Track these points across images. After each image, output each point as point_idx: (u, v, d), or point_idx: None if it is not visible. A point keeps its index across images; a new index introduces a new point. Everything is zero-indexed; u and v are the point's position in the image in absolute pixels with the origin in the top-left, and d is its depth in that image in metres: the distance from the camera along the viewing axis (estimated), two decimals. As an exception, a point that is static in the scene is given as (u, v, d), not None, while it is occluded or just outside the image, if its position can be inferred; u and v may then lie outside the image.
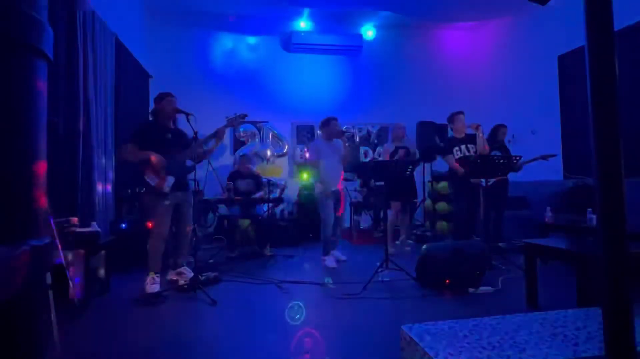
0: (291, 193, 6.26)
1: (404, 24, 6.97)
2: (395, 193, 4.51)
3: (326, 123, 4.35)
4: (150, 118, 3.43)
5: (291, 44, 6.58)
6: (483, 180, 4.05)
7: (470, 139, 4.34)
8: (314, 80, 6.87)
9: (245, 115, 3.43)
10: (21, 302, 0.58)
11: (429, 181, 6.26)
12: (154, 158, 3.12)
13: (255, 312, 2.74)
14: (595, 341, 1.22)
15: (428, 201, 6.30)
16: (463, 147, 4.31)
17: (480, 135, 4.24)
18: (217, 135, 3.37)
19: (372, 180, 5.63)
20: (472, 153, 4.26)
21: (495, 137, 4.93)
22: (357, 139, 6.91)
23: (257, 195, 4.98)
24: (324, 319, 2.61)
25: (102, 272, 3.15)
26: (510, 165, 3.86)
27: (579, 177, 4.87)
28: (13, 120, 0.60)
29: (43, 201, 0.65)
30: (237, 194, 4.85)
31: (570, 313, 1.51)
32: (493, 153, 4.56)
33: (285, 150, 6.56)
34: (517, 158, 3.83)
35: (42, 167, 0.64)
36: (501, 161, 3.82)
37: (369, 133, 6.99)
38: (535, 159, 4.77)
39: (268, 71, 6.74)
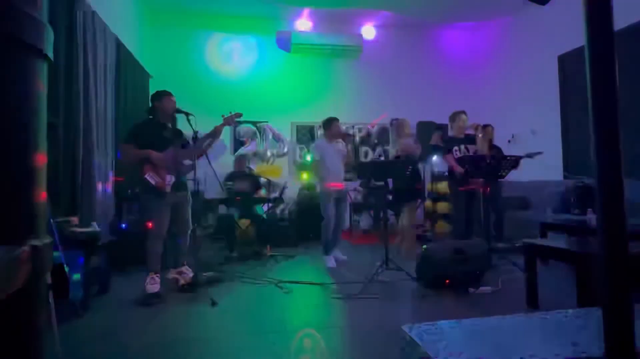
0: (291, 193, 6.25)
1: (404, 24, 6.97)
2: (408, 194, 4.47)
3: (328, 124, 4.36)
4: (150, 117, 3.42)
5: (291, 44, 6.58)
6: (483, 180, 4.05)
7: (470, 140, 4.34)
8: (314, 80, 6.87)
9: (240, 114, 3.45)
10: (21, 302, 0.58)
11: (429, 182, 6.27)
12: (154, 155, 3.12)
13: (255, 312, 2.74)
14: (595, 341, 1.22)
15: (428, 202, 6.30)
16: (462, 146, 4.31)
17: (480, 135, 4.24)
18: (215, 134, 3.38)
19: (372, 180, 5.62)
20: (471, 153, 4.26)
21: (484, 137, 4.89)
22: (357, 139, 6.91)
23: (257, 194, 4.98)
24: (324, 319, 2.61)
25: (102, 272, 3.15)
26: (508, 165, 3.86)
27: (579, 176, 4.87)
28: (13, 120, 0.60)
29: (43, 201, 0.65)
30: (235, 194, 4.86)
31: (570, 313, 1.51)
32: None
33: (285, 150, 6.56)
34: (513, 157, 3.84)
35: (42, 167, 0.64)
36: (489, 161, 3.82)
37: (369, 133, 6.99)
38: (521, 157, 4.73)
39: (268, 71, 6.74)
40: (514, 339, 1.28)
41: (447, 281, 3.14)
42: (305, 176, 6.43)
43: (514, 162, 4.10)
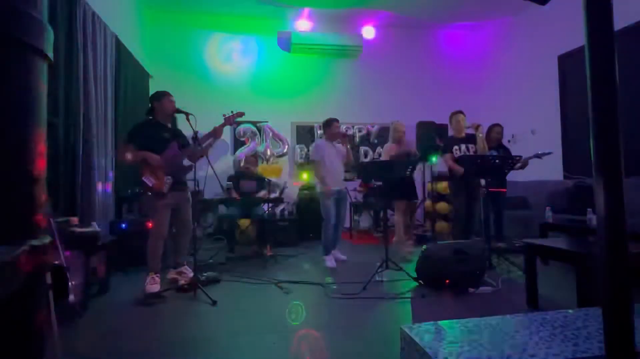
0: (291, 193, 6.25)
1: (404, 24, 6.97)
2: (397, 192, 4.47)
3: (328, 124, 4.35)
4: (149, 117, 3.42)
5: (291, 44, 6.58)
6: (483, 180, 4.05)
7: (470, 139, 4.33)
8: (314, 80, 6.87)
9: (242, 114, 3.43)
10: (21, 302, 0.58)
11: (429, 182, 6.26)
12: (150, 157, 3.12)
13: (255, 312, 2.74)
14: (595, 341, 1.22)
15: (428, 202, 6.30)
16: (463, 146, 4.31)
17: (480, 135, 4.24)
18: (215, 133, 3.37)
19: (372, 180, 5.62)
20: (471, 153, 4.26)
21: (489, 137, 4.91)
22: (357, 139, 6.91)
23: (260, 194, 4.99)
24: (324, 319, 2.61)
25: (102, 272, 3.15)
26: (509, 165, 3.86)
27: (579, 176, 4.87)
28: (13, 120, 0.60)
29: (43, 201, 0.65)
30: (241, 194, 4.86)
31: (570, 313, 1.51)
32: (489, 153, 4.55)
33: (285, 150, 6.55)
34: (517, 158, 3.83)
35: (41, 167, 0.64)
36: (496, 161, 3.82)
37: (368, 133, 6.99)
38: (530, 158, 4.76)
39: (268, 71, 6.74)
40: (513, 339, 1.28)
41: (447, 281, 3.13)
42: (305, 176, 6.42)
43: (523, 162, 4.12)
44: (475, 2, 6.11)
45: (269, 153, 6.43)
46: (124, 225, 3.99)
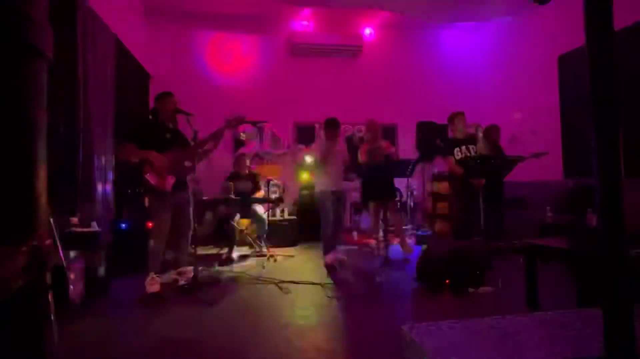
0: (291, 193, 6.25)
1: (404, 24, 6.97)
2: (374, 193, 4.43)
3: (329, 125, 4.35)
4: (150, 117, 3.43)
5: (291, 44, 6.58)
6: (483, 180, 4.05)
7: (471, 140, 4.33)
8: (314, 80, 6.87)
9: (244, 117, 3.46)
10: (21, 302, 0.58)
11: (429, 181, 6.26)
12: (155, 157, 3.12)
13: (255, 312, 2.73)
14: (595, 341, 1.22)
15: (428, 201, 6.30)
16: (464, 147, 4.31)
17: (480, 135, 4.24)
18: (216, 136, 3.38)
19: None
20: (473, 153, 4.25)
21: (489, 137, 4.91)
22: (357, 139, 6.90)
23: (256, 195, 4.99)
24: (323, 319, 2.61)
25: (102, 272, 3.15)
26: (508, 166, 3.86)
27: (579, 176, 4.87)
28: (13, 120, 0.60)
29: (43, 202, 0.65)
30: (236, 194, 4.85)
31: (570, 313, 1.51)
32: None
33: (284, 150, 6.55)
34: (518, 158, 3.83)
35: (42, 168, 0.64)
36: (497, 161, 3.83)
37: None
38: (526, 158, 4.75)
39: (268, 71, 6.73)
40: (514, 339, 1.28)
41: (447, 281, 3.14)
42: (305, 176, 6.42)
43: (514, 162, 4.11)
44: (476, 2, 6.11)
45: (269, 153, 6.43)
46: (124, 225, 3.99)
